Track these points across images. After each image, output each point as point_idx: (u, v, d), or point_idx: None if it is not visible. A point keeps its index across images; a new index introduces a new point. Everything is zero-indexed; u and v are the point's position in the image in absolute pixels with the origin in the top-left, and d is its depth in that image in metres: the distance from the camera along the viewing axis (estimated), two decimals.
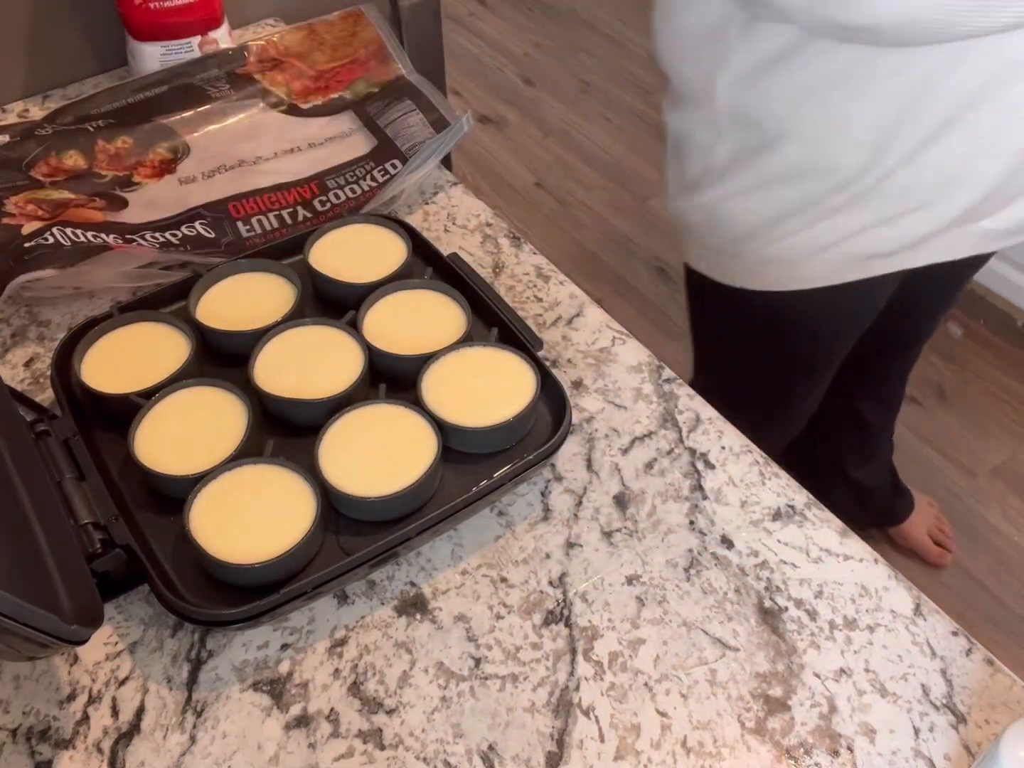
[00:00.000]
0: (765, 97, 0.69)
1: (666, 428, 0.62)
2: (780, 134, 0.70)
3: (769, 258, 0.80)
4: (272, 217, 0.76)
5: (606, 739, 0.48)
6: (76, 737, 0.48)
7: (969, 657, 0.51)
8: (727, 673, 0.50)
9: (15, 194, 0.73)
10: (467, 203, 0.79)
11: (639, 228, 2.12)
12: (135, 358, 0.60)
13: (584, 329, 0.69)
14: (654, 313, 1.93)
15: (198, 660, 0.51)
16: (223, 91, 0.86)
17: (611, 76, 2.58)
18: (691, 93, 0.75)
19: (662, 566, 0.55)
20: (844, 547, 0.56)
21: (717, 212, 0.80)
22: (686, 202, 0.83)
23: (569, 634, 0.52)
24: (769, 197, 0.75)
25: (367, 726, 0.48)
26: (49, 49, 0.89)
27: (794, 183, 0.73)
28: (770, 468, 0.60)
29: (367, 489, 0.52)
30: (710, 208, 0.80)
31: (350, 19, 0.92)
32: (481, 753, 0.47)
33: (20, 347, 0.67)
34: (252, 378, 0.58)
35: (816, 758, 0.47)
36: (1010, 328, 1.85)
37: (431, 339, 0.61)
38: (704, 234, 0.84)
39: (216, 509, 0.52)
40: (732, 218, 0.79)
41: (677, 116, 0.80)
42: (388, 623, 0.52)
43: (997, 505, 1.58)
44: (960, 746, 0.48)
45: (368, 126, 0.84)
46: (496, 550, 0.56)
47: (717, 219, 0.80)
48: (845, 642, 0.52)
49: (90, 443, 0.56)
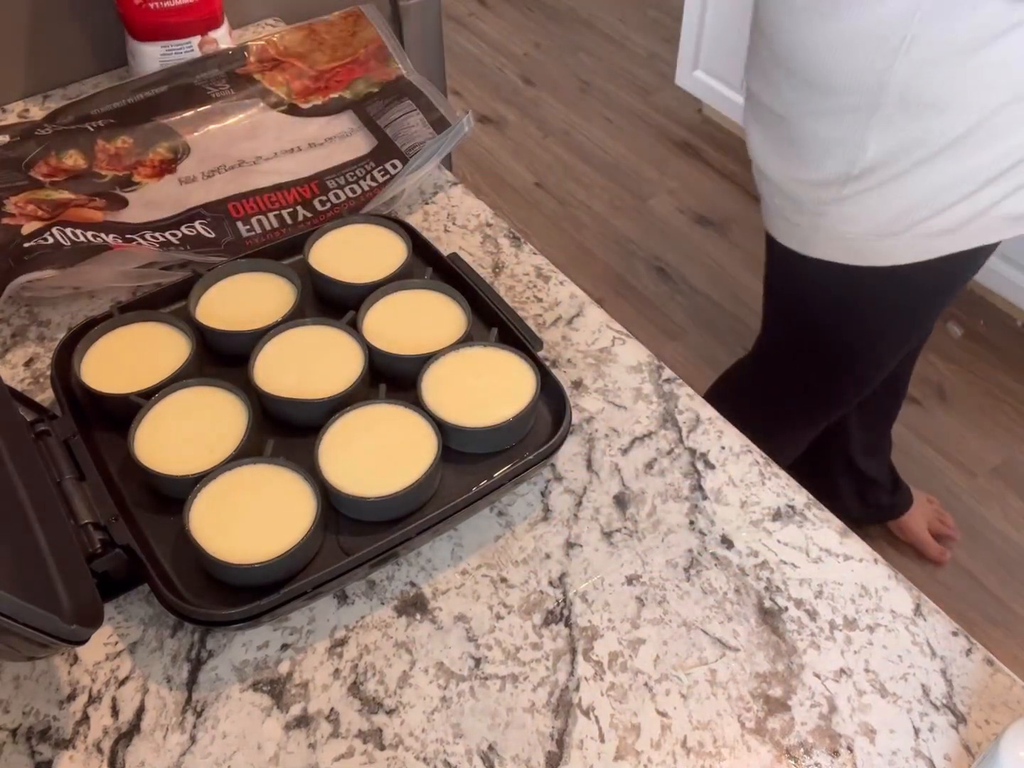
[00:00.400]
0: (954, 78, 0.71)
1: (666, 428, 0.62)
2: (959, 109, 0.72)
3: (930, 231, 0.81)
4: (272, 217, 0.76)
5: (606, 739, 0.48)
6: (76, 737, 0.48)
7: (969, 657, 0.51)
8: (727, 673, 0.50)
9: (15, 194, 0.73)
10: (467, 203, 0.79)
11: (639, 228, 2.12)
12: (135, 358, 0.60)
13: (584, 329, 0.69)
14: (654, 313, 1.93)
15: (198, 660, 0.51)
16: (223, 91, 0.86)
17: (611, 76, 2.58)
18: (850, 89, 0.75)
19: (662, 566, 0.55)
20: (844, 547, 0.56)
21: (863, 201, 0.81)
22: (818, 196, 0.83)
23: (569, 634, 0.52)
24: (932, 172, 0.77)
25: (367, 726, 0.48)
26: (49, 49, 0.89)
27: (960, 156, 0.75)
28: (770, 468, 0.60)
29: (367, 489, 0.52)
30: (854, 199, 0.81)
31: (350, 19, 0.92)
32: (481, 753, 0.47)
33: (20, 347, 0.67)
34: (252, 378, 0.58)
35: (816, 758, 0.47)
36: (1010, 328, 1.85)
37: (431, 339, 0.61)
38: (841, 224, 0.84)
39: (216, 509, 0.52)
40: (885, 202, 0.80)
41: (819, 121, 0.79)
42: (388, 623, 0.52)
43: (997, 505, 1.58)
44: (960, 746, 0.48)
45: (368, 126, 0.84)
46: (496, 550, 0.56)
47: (862, 208, 0.82)
48: (845, 642, 0.52)
49: (90, 443, 0.56)
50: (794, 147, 0.83)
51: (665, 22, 2.73)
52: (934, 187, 0.78)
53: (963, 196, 0.78)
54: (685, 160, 2.30)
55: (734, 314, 1.93)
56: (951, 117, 0.73)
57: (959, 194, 0.78)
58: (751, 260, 2.03)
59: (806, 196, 0.85)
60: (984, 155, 0.75)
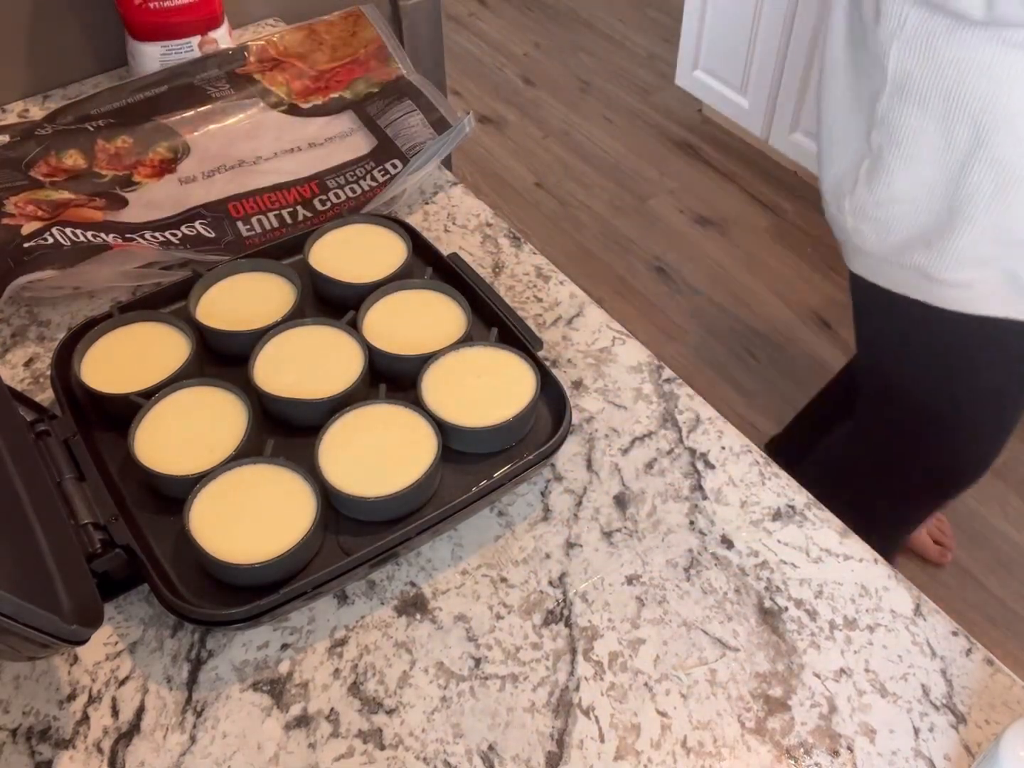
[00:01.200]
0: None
1: (666, 428, 0.62)
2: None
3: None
4: (272, 217, 0.76)
5: (606, 739, 0.48)
6: (76, 737, 0.48)
7: (969, 657, 0.51)
8: (727, 673, 0.50)
9: (15, 194, 0.73)
10: (467, 203, 0.79)
11: (639, 228, 2.12)
12: (135, 358, 0.60)
13: (584, 329, 0.69)
14: (654, 313, 1.93)
15: (198, 660, 0.51)
16: (223, 91, 0.86)
17: (611, 76, 2.58)
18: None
19: (662, 566, 0.55)
20: (844, 547, 0.56)
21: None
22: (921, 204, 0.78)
23: (569, 634, 0.52)
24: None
25: (367, 726, 0.48)
26: (49, 49, 0.89)
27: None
28: (770, 468, 0.60)
29: (367, 489, 0.52)
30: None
31: (350, 19, 0.92)
32: (481, 753, 0.47)
33: (20, 347, 0.67)
34: (252, 378, 0.58)
35: (816, 758, 0.47)
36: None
37: (431, 339, 0.61)
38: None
39: (216, 509, 0.52)
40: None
41: (916, 122, 0.75)
42: (388, 623, 0.52)
43: (997, 505, 1.58)
44: (960, 746, 0.48)
45: (368, 126, 0.84)
46: (496, 550, 0.56)
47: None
48: (845, 642, 0.52)
49: (90, 443, 0.56)
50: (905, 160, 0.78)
51: (665, 22, 2.73)
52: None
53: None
54: (685, 160, 2.30)
55: (734, 314, 1.93)
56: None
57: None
58: (751, 260, 2.04)
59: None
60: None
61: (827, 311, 1.91)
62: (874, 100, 0.77)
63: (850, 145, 0.82)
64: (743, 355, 1.85)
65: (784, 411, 1.74)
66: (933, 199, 0.77)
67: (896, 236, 0.81)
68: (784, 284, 1.98)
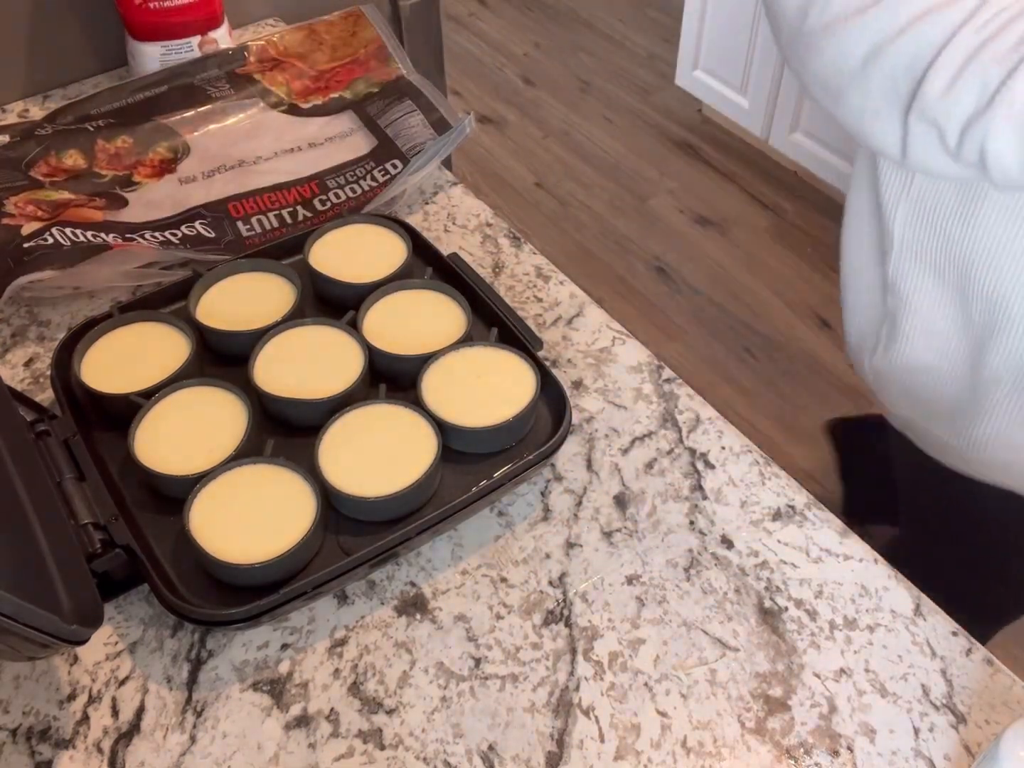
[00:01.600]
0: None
1: (666, 428, 0.62)
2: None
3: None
4: (272, 217, 0.76)
5: (606, 739, 0.48)
6: (76, 737, 0.48)
7: (969, 657, 0.51)
8: (727, 673, 0.50)
9: (15, 194, 0.73)
10: (467, 203, 0.79)
11: (639, 228, 2.12)
12: (135, 358, 0.60)
13: (584, 329, 0.69)
14: (654, 313, 1.93)
15: (198, 660, 0.51)
16: (223, 91, 0.86)
17: (611, 76, 2.58)
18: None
19: (662, 566, 0.55)
20: (844, 547, 0.56)
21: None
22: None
23: (569, 634, 0.52)
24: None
25: (367, 726, 0.48)
26: (49, 49, 0.89)
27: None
28: (770, 468, 0.60)
29: (367, 489, 0.52)
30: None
31: (350, 19, 0.92)
32: (481, 753, 0.47)
33: (20, 347, 0.67)
34: (252, 378, 0.58)
35: (816, 758, 0.47)
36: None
37: (431, 339, 0.61)
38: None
39: (216, 509, 0.52)
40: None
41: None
42: (388, 623, 0.52)
43: None
44: (960, 746, 0.48)
45: (368, 126, 0.84)
46: (496, 550, 0.56)
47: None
48: (845, 642, 0.52)
49: (90, 443, 0.56)
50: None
51: (665, 22, 2.73)
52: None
53: None
54: (685, 160, 2.30)
55: (734, 314, 1.93)
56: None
57: None
58: (751, 260, 2.04)
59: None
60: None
61: (827, 311, 1.91)
62: (884, 260, 0.68)
63: (871, 298, 0.73)
64: (743, 355, 1.85)
65: (784, 411, 1.74)
66: (956, 374, 0.67)
67: (922, 407, 0.73)
68: (784, 284, 1.98)
